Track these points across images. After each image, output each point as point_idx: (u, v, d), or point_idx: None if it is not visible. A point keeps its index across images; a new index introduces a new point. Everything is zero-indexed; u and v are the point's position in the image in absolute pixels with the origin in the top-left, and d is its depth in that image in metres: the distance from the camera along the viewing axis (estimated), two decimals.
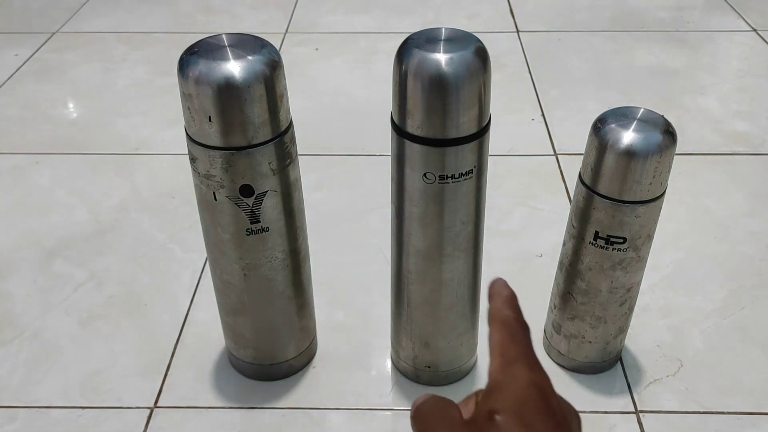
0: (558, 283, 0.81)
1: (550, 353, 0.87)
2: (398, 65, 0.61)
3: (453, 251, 0.71)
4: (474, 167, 0.65)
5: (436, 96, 0.59)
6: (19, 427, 0.79)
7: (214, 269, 0.75)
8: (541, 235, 1.06)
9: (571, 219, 0.75)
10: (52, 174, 1.21)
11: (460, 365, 0.83)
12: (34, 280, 0.99)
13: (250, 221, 0.68)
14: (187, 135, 0.65)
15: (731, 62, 1.57)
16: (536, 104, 1.40)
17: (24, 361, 0.87)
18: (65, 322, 0.92)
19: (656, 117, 0.68)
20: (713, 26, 1.72)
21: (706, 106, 1.39)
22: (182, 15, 1.80)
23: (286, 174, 0.68)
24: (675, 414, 0.80)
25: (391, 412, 0.81)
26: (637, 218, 0.69)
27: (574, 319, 0.80)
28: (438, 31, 0.62)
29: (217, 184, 0.65)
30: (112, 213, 1.12)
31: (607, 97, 1.42)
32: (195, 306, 0.95)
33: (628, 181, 0.67)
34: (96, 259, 1.03)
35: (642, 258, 0.74)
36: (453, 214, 0.67)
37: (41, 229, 1.08)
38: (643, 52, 1.60)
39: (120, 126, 1.35)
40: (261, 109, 0.62)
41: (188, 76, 0.60)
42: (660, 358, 0.87)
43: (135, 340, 0.90)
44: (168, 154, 1.26)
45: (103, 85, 1.49)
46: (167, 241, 1.06)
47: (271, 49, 0.63)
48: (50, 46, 1.64)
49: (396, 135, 0.65)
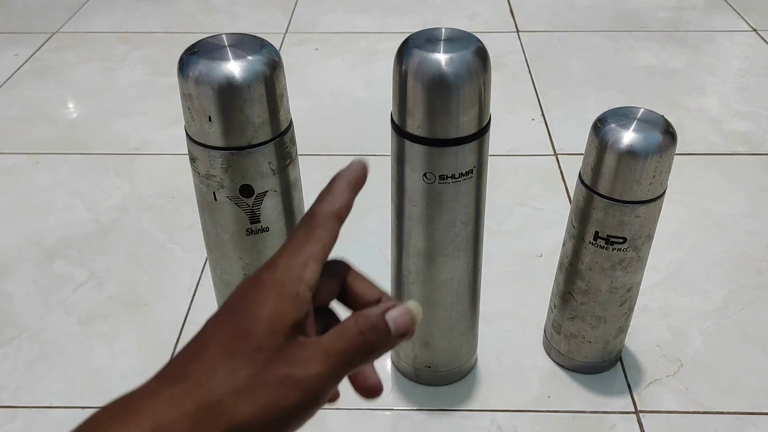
0: (558, 283, 0.81)
1: (550, 353, 0.87)
2: (398, 65, 0.61)
3: (453, 251, 0.71)
4: (474, 167, 0.65)
5: (436, 96, 0.59)
6: (19, 427, 0.79)
7: (214, 269, 0.75)
8: (541, 235, 1.06)
9: (571, 219, 0.75)
10: (52, 174, 1.21)
11: (460, 365, 0.83)
12: (34, 280, 0.99)
13: (250, 221, 0.68)
14: (187, 135, 0.65)
15: (731, 62, 1.57)
16: (536, 104, 1.40)
17: (24, 361, 0.87)
18: (65, 322, 0.92)
19: (656, 117, 0.68)
20: (713, 26, 1.72)
21: (706, 106, 1.39)
22: (182, 15, 1.80)
23: (286, 174, 0.68)
24: (675, 414, 0.80)
25: (391, 412, 0.81)
26: (637, 218, 0.69)
27: (574, 319, 0.80)
28: (438, 31, 0.62)
29: (217, 184, 0.65)
30: (112, 213, 1.12)
31: (607, 97, 1.42)
32: (195, 306, 0.95)
33: (628, 181, 0.67)
34: (96, 259, 1.03)
35: (642, 258, 0.74)
36: (453, 214, 0.67)
37: (41, 229, 1.08)
38: (643, 52, 1.60)
39: (120, 126, 1.35)
40: (261, 109, 0.62)
41: (188, 76, 0.60)
42: (660, 358, 0.87)
43: (135, 340, 0.90)
44: (168, 154, 1.26)
45: (103, 85, 1.49)
46: (167, 241, 1.06)
47: (271, 49, 0.63)
48: (50, 46, 1.64)
49: (396, 135, 0.65)
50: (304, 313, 0.31)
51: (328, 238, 0.33)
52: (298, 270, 0.32)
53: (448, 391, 0.83)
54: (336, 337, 0.31)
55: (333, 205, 0.34)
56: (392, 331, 0.32)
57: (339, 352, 0.31)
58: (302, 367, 0.30)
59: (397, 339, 0.32)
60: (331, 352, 0.30)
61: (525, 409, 0.81)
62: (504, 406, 0.81)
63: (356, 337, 0.31)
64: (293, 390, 0.29)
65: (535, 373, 0.85)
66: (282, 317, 0.30)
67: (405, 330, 0.32)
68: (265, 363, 0.29)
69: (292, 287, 0.31)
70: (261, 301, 0.30)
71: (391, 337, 0.32)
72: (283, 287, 0.31)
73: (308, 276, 0.32)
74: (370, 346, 0.31)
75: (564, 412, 0.80)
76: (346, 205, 0.35)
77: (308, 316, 0.32)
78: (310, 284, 0.32)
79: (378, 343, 0.32)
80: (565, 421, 0.79)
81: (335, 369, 0.30)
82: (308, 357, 0.30)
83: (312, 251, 0.32)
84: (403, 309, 0.32)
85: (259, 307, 0.30)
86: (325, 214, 0.34)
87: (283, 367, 0.29)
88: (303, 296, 0.31)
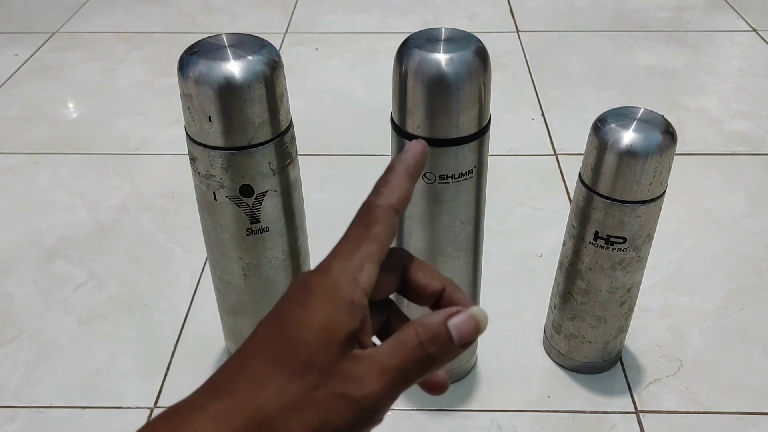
0: (558, 283, 0.81)
1: (550, 353, 0.87)
2: (398, 65, 0.61)
3: (453, 251, 0.71)
4: (474, 167, 0.65)
5: (436, 96, 0.59)
6: (19, 427, 0.79)
7: (214, 269, 0.75)
8: (541, 235, 1.06)
9: (571, 219, 0.75)
10: (52, 174, 1.21)
11: (461, 365, 0.83)
12: (34, 280, 0.99)
13: (250, 221, 0.68)
14: (187, 135, 0.65)
15: (731, 62, 1.57)
16: (536, 104, 1.40)
17: (24, 361, 0.87)
18: (65, 322, 0.92)
19: (656, 117, 0.68)
20: (713, 26, 1.72)
21: (706, 106, 1.39)
22: (182, 15, 1.80)
23: (286, 174, 0.68)
24: (675, 414, 0.80)
25: (391, 412, 0.81)
26: (637, 218, 0.69)
27: (574, 319, 0.80)
28: (438, 31, 0.62)
29: (217, 184, 0.65)
30: (112, 213, 1.12)
31: (607, 97, 1.42)
32: (195, 306, 0.95)
33: (628, 181, 0.67)
34: (96, 259, 1.03)
35: (642, 258, 0.74)
36: (453, 214, 0.67)
37: (41, 229, 1.08)
38: (643, 52, 1.60)
39: (120, 126, 1.35)
40: (261, 109, 0.62)
41: (188, 76, 0.60)
42: (660, 358, 0.87)
43: (135, 340, 0.90)
44: (168, 154, 1.26)
45: (103, 85, 1.49)
46: (167, 241, 1.06)
47: (271, 49, 0.63)
48: (50, 46, 1.64)
49: (396, 135, 0.65)
50: (359, 323, 0.29)
51: (386, 235, 0.31)
52: (354, 273, 0.29)
53: (448, 391, 0.83)
54: (394, 350, 0.29)
55: (391, 197, 0.31)
56: (455, 341, 0.29)
57: (397, 368, 0.28)
58: (357, 385, 0.28)
59: (461, 349, 0.29)
60: (389, 368, 0.28)
61: (525, 409, 0.81)
62: (504, 406, 0.81)
63: (416, 349, 0.29)
64: (347, 410, 0.27)
65: (535, 373, 0.85)
66: (336, 328, 0.28)
67: (469, 339, 0.29)
68: (318, 379, 0.27)
69: (347, 293, 0.29)
70: (313, 306, 0.28)
71: (454, 348, 0.29)
72: (336, 293, 0.28)
73: (364, 280, 0.29)
74: (431, 359, 0.29)
75: (564, 412, 0.80)
76: (405, 196, 0.31)
77: (364, 324, 0.29)
78: (367, 289, 0.29)
79: (440, 356, 0.29)
80: (565, 421, 0.79)
81: (393, 386, 0.28)
82: (364, 373, 0.28)
83: (368, 251, 0.30)
84: (468, 316, 0.29)
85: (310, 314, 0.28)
86: (382, 209, 0.31)
87: (336, 384, 0.27)
88: (359, 303, 0.29)
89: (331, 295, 0.28)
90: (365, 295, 0.29)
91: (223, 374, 0.28)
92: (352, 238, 0.30)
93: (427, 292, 0.32)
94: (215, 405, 0.27)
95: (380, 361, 0.28)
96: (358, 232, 0.30)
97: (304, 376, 0.27)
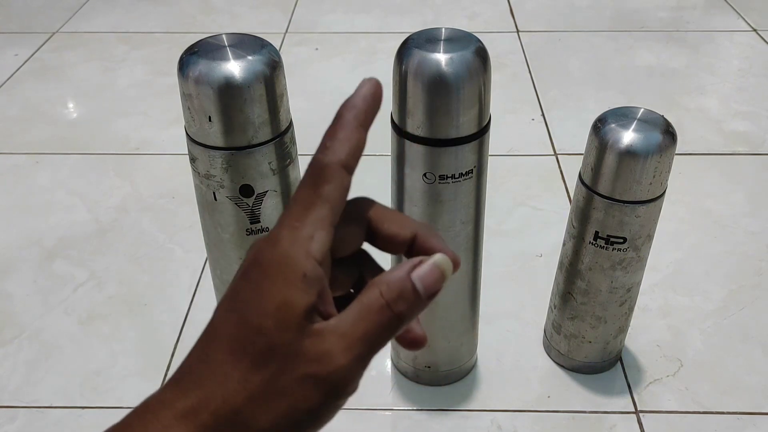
0: (558, 283, 0.81)
1: (550, 353, 0.87)
2: (398, 65, 0.61)
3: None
4: (474, 167, 0.65)
5: (436, 96, 0.59)
6: (19, 427, 0.79)
7: (214, 269, 0.75)
8: (541, 235, 1.06)
9: (571, 219, 0.75)
10: (52, 174, 1.21)
11: (460, 365, 0.83)
12: (34, 280, 0.99)
13: (250, 221, 0.68)
14: (187, 135, 0.65)
15: (731, 62, 1.57)
16: (536, 104, 1.40)
17: (24, 361, 0.87)
18: (65, 322, 0.92)
19: (656, 117, 0.68)
20: (713, 26, 1.72)
21: (706, 106, 1.39)
22: (182, 15, 1.80)
23: (286, 174, 0.68)
24: (675, 414, 0.80)
25: (391, 412, 0.81)
26: (637, 218, 0.69)
27: (574, 319, 0.80)
28: (438, 31, 0.62)
29: (217, 184, 0.65)
30: (112, 213, 1.12)
31: (607, 97, 1.42)
32: (195, 306, 0.95)
33: (628, 181, 0.67)
34: (96, 259, 1.03)
35: (642, 258, 0.74)
36: (453, 214, 0.67)
37: (41, 229, 1.08)
38: (643, 52, 1.60)
39: (120, 126, 1.35)
40: (261, 109, 0.62)
41: (188, 76, 0.60)
42: (660, 358, 0.87)
43: (135, 340, 0.90)
44: (168, 154, 1.26)
45: (103, 85, 1.49)
46: (167, 241, 1.06)
47: (271, 49, 0.63)
48: (50, 46, 1.64)
49: (396, 135, 0.65)
50: (315, 296, 0.27)
51: (337, 195, 0.28)
52: (304, 244, 0.27)
53: (448, 391, 0.83)
54: (358, 318, 0.27)
55: (339, 152, 0.28)
56: (421, 294, 0.28)
57: (364, 336, 0.27)
58: (322, 364, 0.27)
59: (428, 300, 0.28)
60: (355, 338, 0.27)
61: (525, 409, 0.81)
62: (504, 406, 0.81)
63: (382, 312, 0.27)
64: (315, 390, 0.27)
65: (535, 373, 0.85)
66: (291, 307, 0.26)
67: (435, 289, 0.28)
68: (281, 365, 0.26)
69: (299, 267, 0.27)
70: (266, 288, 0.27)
71: (422, 301, 0.28)
72: (287, 269, 0.27)
73: (316, 248, 0.27)
74: (400, 318, 0.27)
75: (564, 412, 0.80)
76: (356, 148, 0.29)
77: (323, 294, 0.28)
78: (319, 258, 0.27)
79: (408, 313, 0.28)
80: (565, 421, 0.79)
81: (361, 356, 0.27)
82: (328, 349, 0.27)
83: (318, 216, 0.28)
84: (431, 265, 0.28)
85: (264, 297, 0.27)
86: (331, 167, 0.28)
87: (300, 367, 0.26)
88: (312, 275, 0.27)
89: (282, 271, 0.27)
90: (318, 265, 0.27)
91: (188, 367, 0.28)
92: (300, 202, 0.28)
93: (396, 242, 0.31)
94: (182, 402, 0.27)
95: (344, 332, 0.27)
96: (307, 195, 0.28)
97: (266, 364, 0.26)
